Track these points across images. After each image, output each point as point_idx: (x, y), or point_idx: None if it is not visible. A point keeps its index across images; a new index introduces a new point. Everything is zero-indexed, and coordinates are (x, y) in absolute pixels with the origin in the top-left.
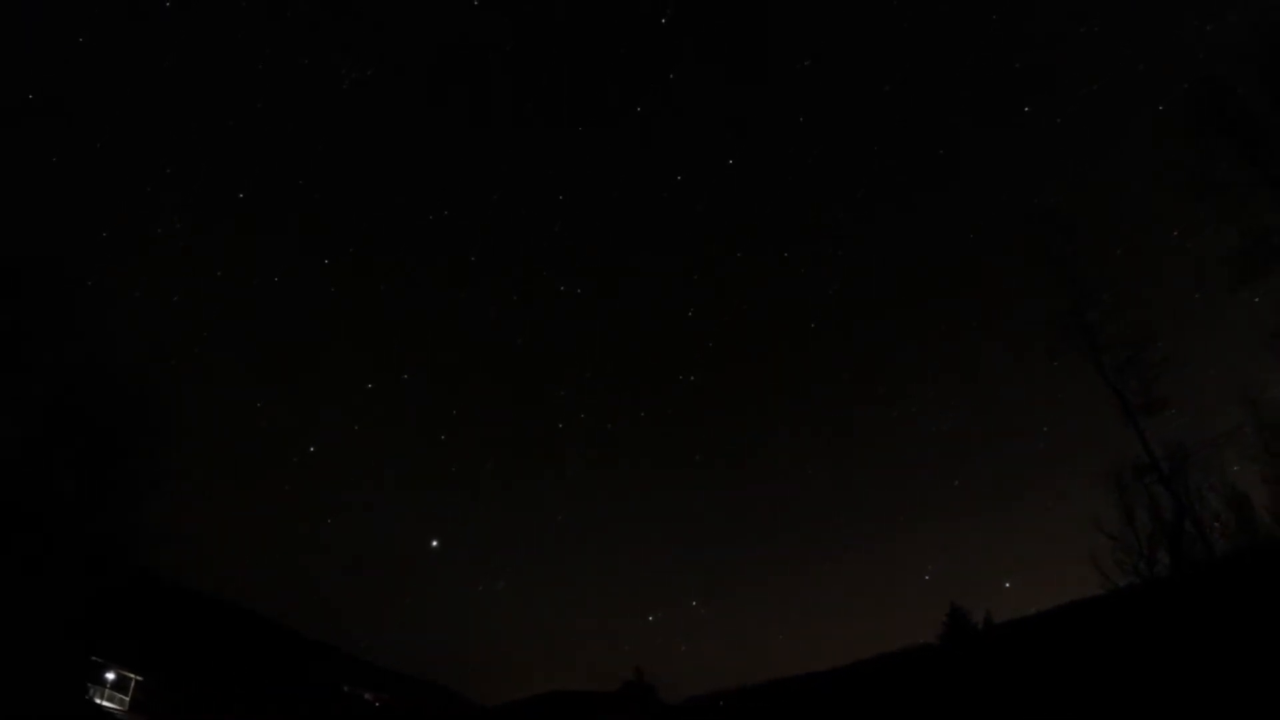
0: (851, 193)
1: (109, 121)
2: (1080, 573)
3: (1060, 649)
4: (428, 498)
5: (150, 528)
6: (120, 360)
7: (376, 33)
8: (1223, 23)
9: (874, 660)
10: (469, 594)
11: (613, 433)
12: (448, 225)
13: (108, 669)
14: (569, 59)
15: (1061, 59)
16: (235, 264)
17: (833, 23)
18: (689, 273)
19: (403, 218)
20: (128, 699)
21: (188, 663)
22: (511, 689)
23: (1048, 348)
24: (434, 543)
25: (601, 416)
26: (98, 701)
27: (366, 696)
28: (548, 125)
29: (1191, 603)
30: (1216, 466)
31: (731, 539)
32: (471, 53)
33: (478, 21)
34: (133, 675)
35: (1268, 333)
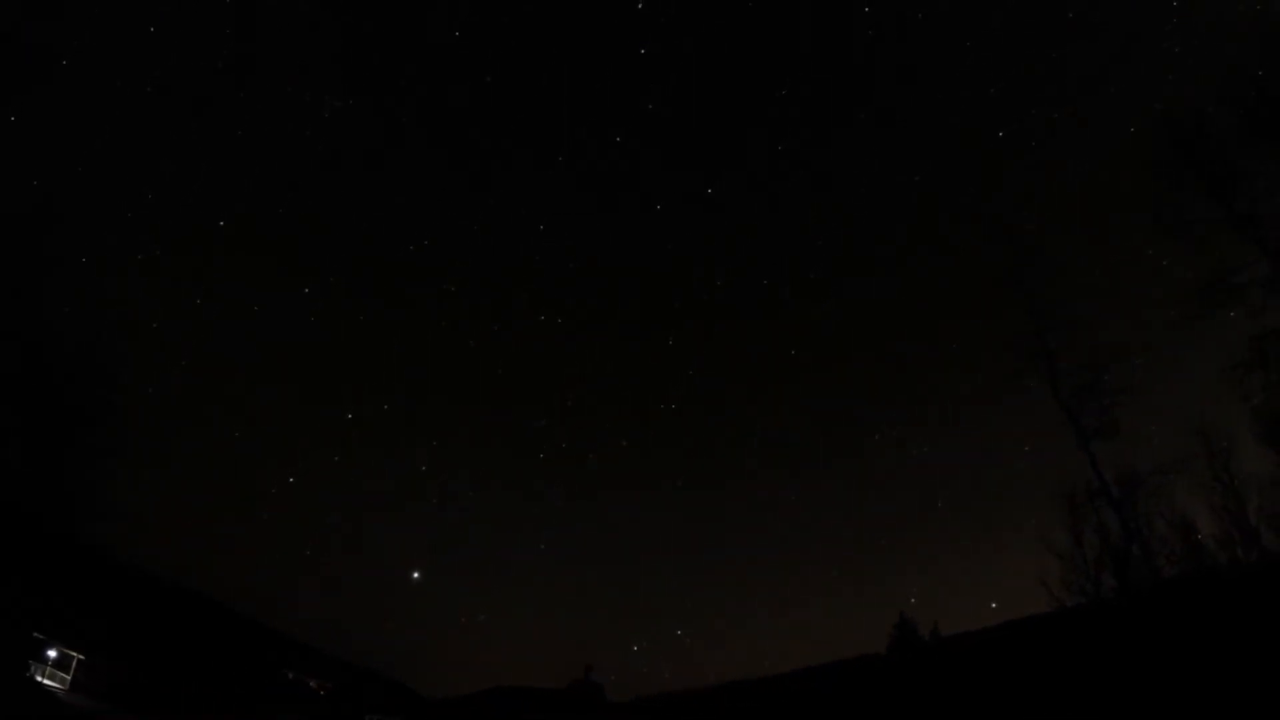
0: (831, 218)
1: (92, 140)
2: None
3: (998, 660)
4: (408, 528)
5: (102, 508)
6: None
7: (357, 63)
8: (1192, 46)
9: (820, 667)
10: (449, 627)
11: (594, 462)
12: (428, 255)
13: (50, 646)
14: (548, 90)
15: (1035, 84)
16: (213, 291)
17: (808, 50)
18: (669, 301)
19: (383, 248)
20: (69, 678)
21: (130, 642)
22: (460, 684)
23: (1011, 370)
24: (415, 574)
25: (583, 446)
26: (38, 679)
27: (311, 684)
28: (527, 155)
29: (1130, 623)
30: (1166, 493)
31: (715, 567)
32: (451, 84)
33: (458, 53)
34: (75, 654)
35: (1223, 365)
